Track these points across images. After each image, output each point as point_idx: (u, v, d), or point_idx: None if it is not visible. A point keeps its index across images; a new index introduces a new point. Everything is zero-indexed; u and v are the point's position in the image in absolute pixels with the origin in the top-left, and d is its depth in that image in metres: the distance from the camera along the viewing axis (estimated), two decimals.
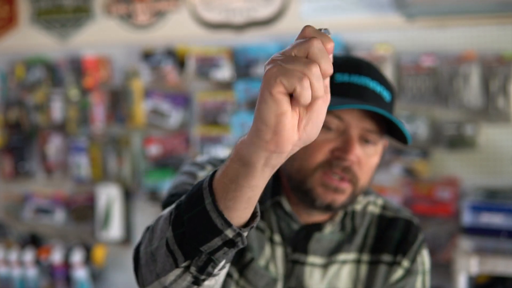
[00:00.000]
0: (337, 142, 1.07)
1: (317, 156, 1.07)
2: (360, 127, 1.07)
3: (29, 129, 3.42)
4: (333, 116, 1.06)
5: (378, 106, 1.06)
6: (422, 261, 1.19)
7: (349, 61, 1.11)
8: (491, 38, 2.74)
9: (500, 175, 2.75)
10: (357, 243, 1.17)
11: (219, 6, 3.12)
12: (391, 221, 1.19)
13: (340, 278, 1.15)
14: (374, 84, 1.08)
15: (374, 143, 1.09)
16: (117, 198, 3.25)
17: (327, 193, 1.07)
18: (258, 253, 1.15)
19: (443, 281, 2.79)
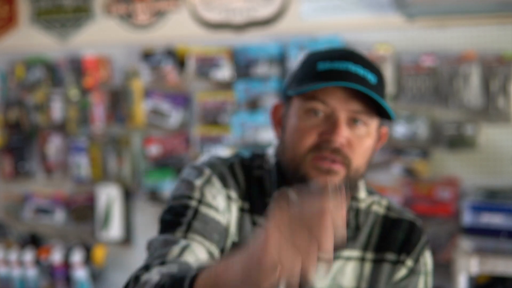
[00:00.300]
0: (325, 126, 1.08)
1: (306, 141, 1.08)
2: (346, 109, 1.08)
3: (29, 129, 3.43)
4: (318, 101, 1.08)
5: (361, 85, 1.06)
6: (425, 262, 1.20)
7: (332, 50, 1.13)
8: (491, 38, 2.74)
9: (500, 175, 2.75)
10: (361, 241, 1.18)
11: (219, 6, 3.12)
12: (395, 221, 1.20)
13: (344, 275, 1.17)
14: (357, 68, 1.09)
15: (364, 124, 1.10)
16: (117, 198, 3.25)
17: (320, 176, 1.08)
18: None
19: (443, 281, 2.79)
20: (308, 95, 1.09)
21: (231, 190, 1.15)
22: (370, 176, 2.90)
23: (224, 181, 1.15)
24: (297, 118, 1.10)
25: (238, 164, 1.19)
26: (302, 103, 1.10)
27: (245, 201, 1.16)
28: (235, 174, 1.17)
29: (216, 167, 1.16)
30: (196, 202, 1.11)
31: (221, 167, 1.16)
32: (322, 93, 1.08)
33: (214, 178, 1.15)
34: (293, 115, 1.12)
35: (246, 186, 1.17)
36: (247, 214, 1.15)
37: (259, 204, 1.16)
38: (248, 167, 1.20)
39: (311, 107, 1.08)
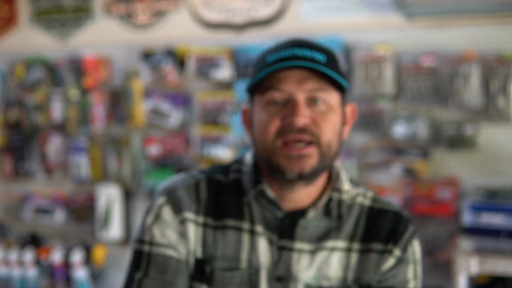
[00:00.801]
0: (286, 110, 1.13)
1: (271, 129, 1.13)
2: (302, 90, 1.12)
3: (29, 129, 3.43)
4: (274, 90, 1.13)
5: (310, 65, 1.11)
6: (413, 251, 1.22)
7: (280, 43, 1.19)
8: (491, 38, 2.74)
9: (500, 175, 2.75)
10: (346, 232, 1.20)
11: (219, 6, 3.13)
12: (381, 212, 1.23)
13: (330, 265, 1.19)
14: (303, 51, 1.14)
15: (324, 101, 1.14)
16: (117, 198, 3.25)
17: (292, 164, 1.12)
18: (228, 255, 1.19)
19: (443, 281, 2.79)
20: (264, 88, 1.14)
21: (186, 212, 1.19)
22: (370, 176, 2.90)
23: (179, 205, 1.20)
24: (259, 112, 1.15)
25: (204, 181, 1.23)
26: (261, 97, 1.15)
27: (207, 216, 1.20)
28: (199, 192, 1.22)
29: (175, 192, 1.22)
30: (148, 245, 1.19)
31: (180, 190, 1.22)
32: (276, 82, 1.13)
33: (164, 208, 1.20)
34: (257, 111, 1.16)
35: (212, 199, 1.21)
36: (210, 229, 1.19)
37: (234, 207, 1.21)
38: (226, 175, 1.25)
39: (269, 98, 1.13)
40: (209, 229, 1.20)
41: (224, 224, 1.20)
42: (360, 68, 2.82)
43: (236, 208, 1.20)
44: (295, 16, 3.01)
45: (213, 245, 1.19)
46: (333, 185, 1.21)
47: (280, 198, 1.19)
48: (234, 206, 1.20)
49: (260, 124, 1.15)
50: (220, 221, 1.20)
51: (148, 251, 1.19)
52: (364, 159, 2.89)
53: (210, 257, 1.19)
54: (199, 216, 1.20)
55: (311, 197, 1.19)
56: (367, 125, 2.84)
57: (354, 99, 2.91)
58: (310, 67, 1.10)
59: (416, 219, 2.80)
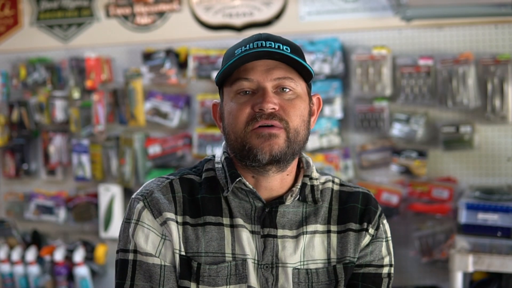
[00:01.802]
0: (255, 98, 1.18)
1: (242, 116, 1.18)
2: (270, 78, 1.18)
3: (32, 129, 3.45)
4: (242, 80, 1.19)
5: (276, 55, 1.17)
6: (384, 230, 1.31)
7: (244, 39, 1.25)
8: (488, 40, 2.77)
9: (496, 175, 2.78)
10: (323, 215, 1.27)
11: (219, 8, 3.16)
12: (350, 194, 1.31)
13: (313, 248, 1.25)
14: (269, 43, 1.20)
15: (291, 89, 1.20)
16: (118, 197, 3.28)
17: (263, 143, 1.17)
18: (212, 251, 1.22)
19: (440, 279, 2.82)
20: (233, 79, 1.20)
21: (166, 212, 1.22)
22: (368, 175, 2.93)
23: (157, 208, 1.22)
24: (229, 102, 1.21)
25: (177, 180, 1.26)
26: (230, 88, 1.21)
27: (185, 215, 1.22)
28: (174, 191, 1.24)
29: (151, 195, 1.23)
30: (133, 254, 1.21)
31: (156, 192, 1.23)
32: (244, 72, 1.19)
33: (144, 213, 1.22)
34: (226, 103, 1.22)
35: (188, 198, 1.24)
36: (190, 227, 1.22)
37: (211, 204, 1.23)
38: (197, 174, 1.28)
39: (238, 88, 1.19)
40: (189, 227, 1.22)
41: (204, 221, 1.22)
42: (358, 69, 2.85)
43: (213, 204, 1.23)
44: (294, 18, 3.04)
45: (195, 242, 1.21)
46: (304, 172, 1.28)
47: (256, 188, 1.23)
48: (211, 203, 1.23)
49: (231, 113, 1.19)
50: (199, 219, 1.22)
51: (133, 259, 1.21)
52: (362, 159, 2.92)
53: (194, 254, 1.21)
54: (178, 216, 1.22)
55: (285, 185, 1.25)
56: (365, 125, 2.87)
57: (352, 99, 2.94)
58: (277, 52, 1.16)
59: (413, 218, 2.83)
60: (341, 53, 2.90)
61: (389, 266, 1.30)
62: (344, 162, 2.93)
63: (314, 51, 2.92)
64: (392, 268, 1.30)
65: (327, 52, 2.91)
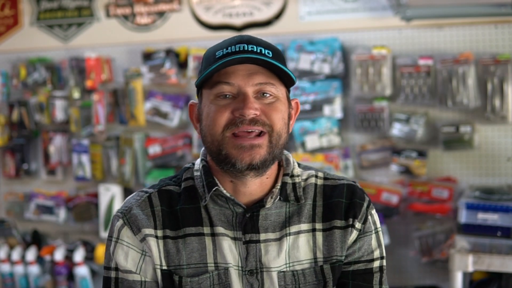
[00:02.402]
0: (236, 103, 1.17)
1: (221, 120, 1.16)
2: (251, 83, 1.17)
3: (32, 129, 3.46)
4: (223, 84, 1.17)
5: (258, 61, 1.16)
6: (373, 221, 1.27)
7: (225, 41, 1.23)
8: (488, 40, 2.77)
9: (496, 175, 2.78)
10: (307, 214, 1.24)
11: (219, 8, 3.16)
12: (335, 187, 1.27)
13: (298, 249, 1.23)
14: (251, 46, 1.18)
15: (271, 94, 1.18)
16: (118, 197, 3.28)
17: (243, 153, 1.15)
18: (194, 262, 1.21)
19: (440, 279, 2.82)
20: (213, 82, 1.18)
21: (145, 229, 1.22)
22: (368, 175, 2.93)
23: (136, 224, 1.22)
24: (209, 105, 1.19)
25: (155, 193, 1.26)
26: (210, 91, 1.19)
27: (165, 229, 1.22)
28: (152, 205, 1.24)
29: (129, 212, 1.24)
30: (114, 271, 1.23)
31: (134, 209, 1.24)
32: (225, 76, 1.17)
33: (123, 231, 1.23)
34: (205, 105, 1.20)
35: (167, 210, 1.23)
36: (170, 240, 1.22)
37: (190, 214, 1.22)
38: (176, 184, 1.27)
39: (219, 92, 1.17)
40: (170, 241, 1.21)
41: (184, 233, 1.21)
42: (358, 69, 2.85)
43: (193, 215, 1.22)
44: (294, 18, 3.04)
45: (176, 255, 1.21)
46: (284, 171, 1.25)
47: (235, 194, 1.22)
48: (191, 213, 1.22)
49: (209, 116, 1.18)
50: (179, 231, 1.22)
51: (115, 277, 1.23)
52: (362, 159, 2.92)
53: (176, 267, 1.21)
54: (158, 230, 1.22)
55: (265, 188, 1.23)
56: (365, 125, 2.87)
57: (352, 99, 2.94)
58: (260, 58, 1.15)
59: (413, 217, 2.83)
60: (341, 53, 2.90)
61: (380, 259, 1.27)
62: (344, 162, 2.93)
63: (314, 51, 2.92)
64: (383, 260, 1.27)
65: (327, 52, 2.91)
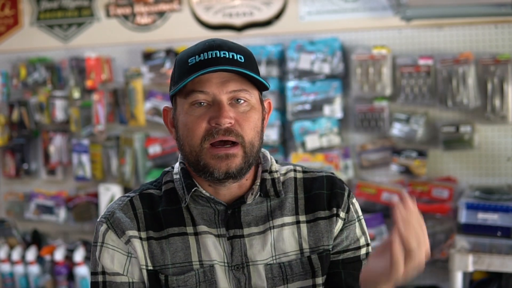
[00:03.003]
0: (211, 112, 1.18)
1: (197, 131, 1.18)
2: (225, 91, 1.18)
3: (32, 129, 3.46)
4: (197, 92, 1.18)
5: (232, 66, 1.17)
6: (355, 210, 1.30)
7: (198, 46, 1.23)
8: (488, 39, 2.77)
9: (496, 175, 2.78)
10: (289, 207, 1.26)
11: (220, 8, 3.16)
12: (315, 180, 1.30)
13: (284, 241, 1.24)
14: (223, 53, 1.20)
15: (245, 101, 1.20)
16: (118, 197, 3.28)
17: (220, 163, 1.17)
18: (179, 262, 1.22)
19: (440, 279, 2.82)
20: (187, 90, 1.19)
21: (129, 231, 1.23)
22: (368, 175, 2.93)
23: (120, 227, 1.24)
24: (184, 114, 1.20)
25: (137, 197, 1.28)
26: (184, 100, 1.20)
27: (148, 230, 1.24)
28: (134, 208, 1.26)
29: (112, 216, 1.26)
30: (101, 275, 1.24)
31: (117, 212, 1.26)
32: (199, 84, 1.18)
33: (108, 235, 1.24)
34: (180, 113, 1.21)
35: (149, 212, 1.25)
36: (153, 241, 1.23)
37: (172, 215, 1.24)
38: (157, 188, 1.29)
39: (193, 100, 1.18)
40: (153, 242, 1.23)
41: (167, 233, 1.23)
42: (358, 69, 2.85)
43: (175, 216, 1.24)
44: (294, 18, 3.04)
45: (161, 255, 1.22)
46: (262, 168, 1.27)
47: (216, 194, 1.23)
48: (173, 214, 1.24)
49: (186, 126, 1.19)
50: (162, 232, 1.23)
51: (102, 281, 1.24)
52: (362, 158, 2.92)
53: (162, 267, 1.22)
54: (142, 232, 1.23)
55: (245, 187, 1.25)
56: (365, 125, 2.87)
57: (352, 99, 2.94)
58: (233, 69, 1.16)
59: None
60: (341, 53, 2.90)
61: (366, 245, 1.29)
62: (344, 162, 2.94)
63: (314, 51, 2.92)
64: (369, 247, 1.30)
65: (327, 52, 2.91)
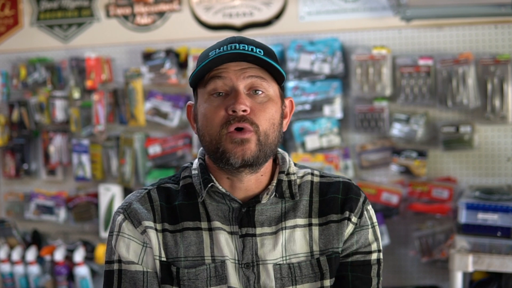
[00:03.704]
0: (229, 101, 1.20)
1: (216, 119, 1.20)
2: (243, 77, 1.20)
3: (32, 129, 3.46)
4: (216, 79, 1.21)
5: (250, 57, 1.20)
6: (369, 216, 1.30)
7: (219, 42, 1.27)
8: (488, 40, 2.77)
9: (496, 175, 2.78)
10: (303, 210, 1.28)
11: (219, 8, 3.16)
12: (331, 184, 1.31)
13: (295, 242, 1.26)
14: (243, 46, 1.22)
15: (263, 92, 1.22)
16: (118, 197, 3.29)
17: (236, 148, 1.19)
18: (191, 255, 1.24)
19: (440, 279, 2.82)
20: (206, 80, 1.22)
21: (145, 221, 1.26)
22: (368, 175, 2.93)
23: (137, 218, 1.26)
24: (203, 104, 1.23)
25: (154, 190, 1.30)
26: (204, 89, 1.23)
27: (164, 222, 1.26)
28: (152, 200, 1.28)
29: (130, 207, 1.28)
30: (117, 263, 1.26)
31: (134, 204, 1.28)
32: (218, 72, 1.21)
33: (124, 225, 1.27)
34: (200, 104, 1.24)
35: (166, 206, 1.28)
36: (169, 233, 1.25)
37: (188, 210, 1.26)
38: (175, 182, 1.31)
39: (212, 88, 1.21)
40: (168, 234, 1.25)
41: (182, 227, 1.25)
42: (358, 69, 2.85)
43: (190, 210, 1.26)
44: (294, 18, 3.04)
45: (174, 248, 1.25)
46: (280, 168, 1.29)
47: (232, 190, 1.25)
48: (189, 208, 1.26)
49: (205, 115, 1.21)
50: (177, 225, 1.26)
51: (117, 269, 1.26)
52: (362, 159, 2.92)
53: (174, 259, 1.24)
54: (157, 224, 1.26)
55: (261, 185, 1.27)
56: (365, 125, 2.87)
57: (352, 99, 2.94)
58: (251, 54, 1.19)
59: (413, 218, 2.83)
60: (341, 53, 2.91)
61: (378, 251, 1.30)
62: (344, 162, 2.94)
63: (314, 51, 2.92)
64: (380, 253, 1.30)
65: (327, 52, 2.91)
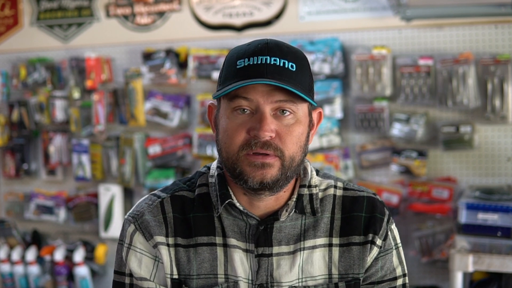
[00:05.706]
0: (252, 122, 1.11)
1: (236, 139, 1.12)
2: (270, 101, 1.11)
3: (32, 129, 3.46)
4: (241, 99, 1.11)
5: (281, 77, 1.10)
6: (393, 237, 1.23)
7: (250, 46, 1.15)
8: (488, 40, 2.77)
9: (496, 175, 2.78)
10: (324, 227, 1.20)
11: (219, 8, 3.16)
12: (355, 199, 1.22)
13: (313, 264, 1.18)
14: (274, 59, 1.11)
15: (291, 113, 1.12)
16: (118, 197, 3.28)
17: (255, 171, 1.11)
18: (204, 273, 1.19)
19: (440, 279, 2.82)
20: (232, 94, 1.12)
21: (157, 236, 1.19)
22: (368, 175, 2.93)
23: (148, 231, 1.19)
24: (226, 118, 1.14)
25: (168, 199, 1.22)
26: (228, 103, 1.13)
27: (176, 236, 1.19)
28: (164, 211, 1.21)
29: (141, 217, 1.21)
30: (129, 278, 1.22)
31: (146, 214, 1.20)
32: (244, 91, 1.11)
33: (135, 236, 1.20)
34: (222, 115, 1.16)
35: (179, 218, 1.20)
36: (182, 249, 1.19)
37: (203, 223, 1.19)
38: (190, 189, 1.23)
39: (236, 105, 1.12)
40: (181, 249, 1.19)
41: (195, 242, 1.19)
42: (358, 69, 2.85)
43: (205, 224, 1.19)
44: (294, 18, 3.04)
45: (187, 265, 1.18)
46: (301, 182, 1.21)
47: (250, 206, 1.18)
48: (204, 222, 1.19)
49: (226, 132, 1.13)
50: (191, 240, 1.19)
51: (129, 283, 1.21)
52: (362, 159, 2.92)
53: (186, 276, 1.18)
54: (170, 238, 1.19)
55: (281, 200, 1.19)
56: (365, 125, 2.87)
57: (352, 99, 2.94)
58: (278, 85, 1.09)
59: (413, 218, 2.83)
60: (341, 53, 2.90)
61: (403, 276, 1.23)
62: (344, 162, 2.93)
63: (314, 51, 2.92)
64: (406, 277, 1.23)
65: (327, 52, 2.91)
